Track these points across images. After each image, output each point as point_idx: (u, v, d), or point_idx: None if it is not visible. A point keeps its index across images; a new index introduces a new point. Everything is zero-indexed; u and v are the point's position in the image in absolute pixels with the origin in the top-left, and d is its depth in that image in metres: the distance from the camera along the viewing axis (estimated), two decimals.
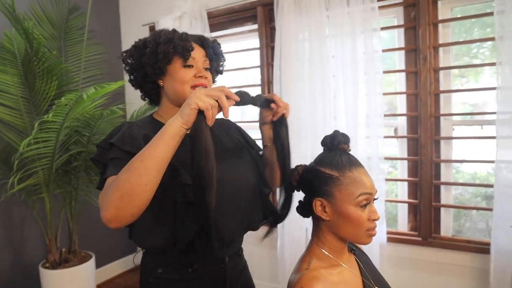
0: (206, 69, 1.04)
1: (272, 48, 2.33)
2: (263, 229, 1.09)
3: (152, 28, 2.84)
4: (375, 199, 0.92)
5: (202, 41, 1.05)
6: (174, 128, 0.78)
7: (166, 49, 0.96)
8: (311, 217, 0.96)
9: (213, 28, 2.58)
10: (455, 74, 2.09)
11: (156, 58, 0.98)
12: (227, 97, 0.80)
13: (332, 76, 2.11)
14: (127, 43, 3.06)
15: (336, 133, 0.94)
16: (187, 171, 0.89)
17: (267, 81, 2.45)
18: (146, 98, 1.11)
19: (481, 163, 2.12)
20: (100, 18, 2.91)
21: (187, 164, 0.89)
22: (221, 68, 1.15)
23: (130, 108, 2.88)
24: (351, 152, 0.96)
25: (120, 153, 0.89)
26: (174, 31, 1.01)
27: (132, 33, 3.03)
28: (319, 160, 0.93)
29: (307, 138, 2.17)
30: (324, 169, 0.90)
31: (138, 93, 1.12)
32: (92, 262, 2.35)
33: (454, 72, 2.04)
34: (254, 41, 2.54)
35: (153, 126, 0.99)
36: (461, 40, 2.06)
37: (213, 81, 1.15)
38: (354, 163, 0.90)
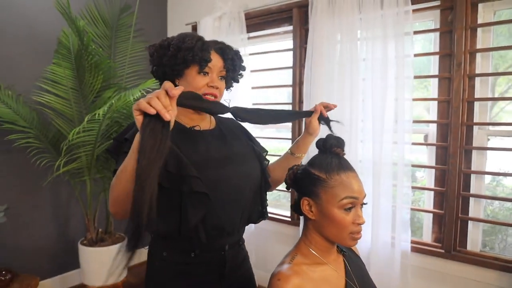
0: (221, 77, 1.10)
1: (306, 50, 2.35)
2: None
3: (194, 28, 2.98)
4: (364, 204, 0.93)
5: (223, 51, 1.10)
6: (136, 143, 0.81)
7: (185, 56, 1.04)
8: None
9: (250, 28, 2.65)
10: (492, 84, 1.96)
11: (175, 61, 1.06)
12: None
13: (362, 79, 2.09)
14: None
15: (329, 136, 0.97)
16: (192, 163, 0.97)
17: (298, 82, 2.48)
18: None
19: None
20: (149, 17, 3.11)
21: (192, 157, 0.98)
22: (237, 78, 1.20)
23: None
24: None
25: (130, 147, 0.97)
26: (197, 39, 1.07)
27: (177, 32, 3.16)
28: (311, 161, 0.97)
29: None
30: (314, 170, 0.93)
31: None
32: (124, 243, 2.54)
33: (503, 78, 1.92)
34: (289, 42, 2.57)
35: None
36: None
37: (228, 87, 1.21)
38: (344, 167, 0.92)
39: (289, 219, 2.56)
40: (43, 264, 2.60)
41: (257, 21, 2.65)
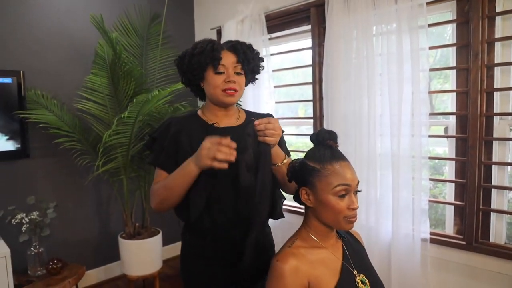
0: (237, 73, 1.21)
1: (324, 47, 2.41)
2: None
3: (218, 32, 3.13)
4: (358, 191, 1.01)
5: (234, 47, 1.22)
6: (196, 173, 1.09)
7: (198, 60, 1.18)
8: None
9: (270, 29, 2.75)
10: None
11: (192, 67, 1.20)
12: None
13: (379, 74, 2.12)
14: None
15: (321, 130, 1.05)
16: None
17: (318, 80, 2.54)
18: (197, 96, 1.35)
19: None
20: (176, 24, 3.30)
21: None
22: (256, 69, 1.29)
23: (200, 103, 3.24)
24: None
25: (158, 146, 1.22)
26: (208, 42, 1.20)
27: (203, 36, 3.33)
28: (307, 154, 1.06)
29: (350, 136, 2.22)
30: (309, 162, 1.02)
31: None
32: (159, 237, 2.74)
33: None
34: (309, 41, 2.64)
35: (192, 120, 1.24)
36: None
37: (253, 81, 1.33)
38: (336, 157, 1.00)
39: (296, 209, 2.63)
40: (88, 255, 2.86)
41: (277, 22, 2.74)
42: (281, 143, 1.30)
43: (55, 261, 2.33)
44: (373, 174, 2.13)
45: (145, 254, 2.68)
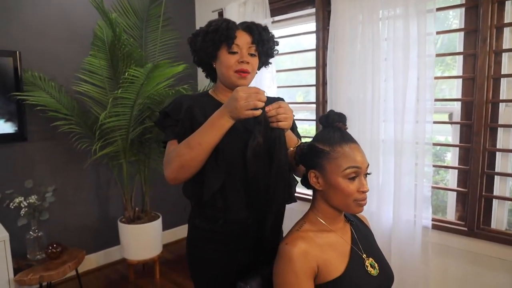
0: (251, 54, 1.18)
1: (328, 32, 2.36)
2: None
3: (220, 14, 3.06)
4: (368, 173, 0.99)
5: (250, 28, 1.18)
6: (229, 125, 1.03)
7: (213, 38, 1.15)
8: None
9: (273, 12, 2.70)
10: None
11: (206, 45, 1.17)
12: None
13: (384, 59, 2.09)
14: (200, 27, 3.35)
15: (330, 112, 1.03)
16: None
17: (322, 64, 2.50)
18: (208, 77, 1.32)
19: None
20: (177, 6, 3.23)
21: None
22: (270, 52, 1.26)
23: (201, 85, 3.20)
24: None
25: (171, 121, 1.15)
26: (223, 21, 1.17)
27: (204, 19, 3.29)
28: (315, 136, 1.04)
29: (355, 121, 2.19)
30: (318, 144, 1.00)
31: None
32: (159, 221, 2.73)
33: None
34: (312, 25, 2.59)
35: (204, 100, 1.21)
36: None
37: (266, 64, 1.30)
38: (346, 139, 0.98)
39: (305, 196, 2.63)
40: (88, 239, 2.85)
41: (281, 5, 2.68)
42: (293, 127, 1.28)
43: (55, 245, 2.32)
44: (376, 160, 2.12)
45: (145, 239, 2.68)
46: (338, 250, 0.98)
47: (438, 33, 1.94)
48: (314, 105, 2.59)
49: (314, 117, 2.64)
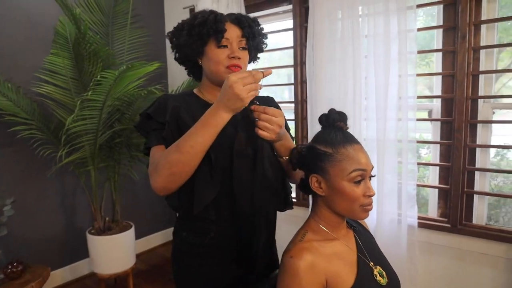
0: (242, 48, 1.08)
1: (306, 29, 2.31)
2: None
3: (191, 11, 2.94)
4: (372, 176, 0.93)
5: (239, 20, 1.08)
6: (224, 121, 0.91)
7: (200, 31, 1.03)
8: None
9: (248, 9, 2.61)
10: (501, 58, 1.94)
11: (191, 40, 1.05)
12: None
13: (364, 56, 2.06)
14: (170, 26, 3.20)
15: (331, 111, 0.95)
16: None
17: (300, 62, 2.45)
18: (190, 75, 1.20)
19: None
20: (145, 2, 3.06)
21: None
22: (260, 47, 1.16)
23: (172, 86, 3.05)
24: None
25: (155, 124, 1.02)
26: (210, 12, 1.06)
27: (174, 16, 3.15)
28: (315, 138, 0.96)
29: None
30: (319, 146, 0.92)
31: (179, 73, 1.23)
32: (132, 231, 2.56)
33: (506, 53, 1.90)
34: (289, 22, 2.53)
35: (190, 99, 1.09)
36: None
37: (254, 59, 1.20)
38: (349, 140, 0.91)
39: (295, 200, 2.57)
40: (53, 254, 2.63)
41: (256, 1, 2.60)
42: (286, 127, 1.19)
43: (15, 264, 2.09)
44: None
45: (117, 250, 2.50)
46: (345, 260, 0.91)
47: (419, 29, 1.93)
48: (293, 104, 2.53)
49: (293, 117, 2.57)
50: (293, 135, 2.50)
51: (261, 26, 1.13)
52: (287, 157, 1.03)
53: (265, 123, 0.94)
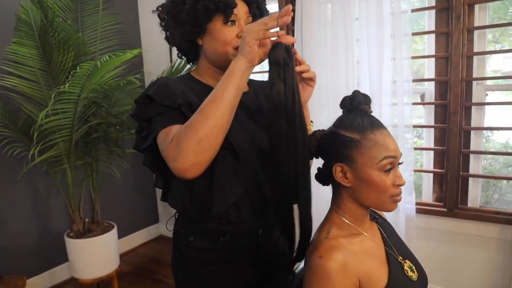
0: None
1: (294, 12, 2.21)
2: None
3: None
4: (400, 163, 0.85)
5: None
6: (240, 66, 0.78)
7: (206, 5, 0.88)
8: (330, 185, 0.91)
9: None
10: (489, 40, 1.92)
11: (196, 15, 0.90)
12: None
13: (356, 40, 1.99)
14: (144, 12, 3.00)
15: (356, 93, 0.86)
16: (230, 136, 0.84)
17: None
18: (183, 57, 1.05)
19: None
20: None
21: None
22: None
23: (148, 78, 2.86)
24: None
25: (161, 108, 0.85)
26: None
27: (149, 2, 2.96)
28: (338, 123, 0.86)
29: (329, 107, 2.08)
30: (344, 132, 0.83)
31: (156, 62, 1.07)
32: (114, 231, 2.40)
33: (488, 37, 1.88)
34: (275, 5, 2.42)
35: (192, 83, 0.95)
36: None
37: None
38: (377, 124, 0.83)
39: None
40: (29, 262, 2.43)
41: None
42: None
43: None
44: None
45: (99, 253, 2.33)
46: (375, 257, 0.83)
47: (413, 11, 1.87)
48: None
49: None
50: None
51: (265, 3, 1.02)
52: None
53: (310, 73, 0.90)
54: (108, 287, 2.52)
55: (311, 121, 1.04)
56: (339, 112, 0.90)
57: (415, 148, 1.98)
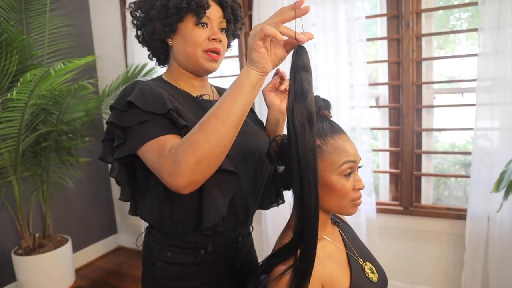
0: (222, 30, 0.92)
1: (250, 17, 2.22)
2: None
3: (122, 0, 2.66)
4: (359, 167, 0.87)
5: None
6: (250, 78, 0.69)
7: (178, 4, 0.85)
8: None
9: None
10: (434, 46, 2.04)
11: (167, 13, 0.86)
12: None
13: (313, 45, 2.03)
14: (96, 14, 2.86)
15: (316, 98, 0.87)
16: None
17: (245, 52, 2.35)
18: (154, 58, 1.00)
19: (460, 132, 2.14)
20: None
21: None
22: (238, 32, 1.01)
23: (103, 83, 2.73)
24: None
25: (143, 114, 0.77)
26: None
27: (101, 4, 2.83)
28: None
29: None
30: None
31: (110, 66, 1.01)
32: (68, 245, 2.27)
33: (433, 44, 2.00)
34: None
35: (168, 88, 0.88)
36: (442, 5, 2.01)
37: (229, 46, 1.02)
38: (337, 129, 0.84)
39: None
40: None
41: None
42: None
43: None
44: None
45: (52, 270, 2.19)
46: (337, 261, 0.84)
47: (367, 17, 1.94)
48: None
49: None
50: None
51: (241, 10, 1.00)
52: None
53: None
54: None
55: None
56: None
57: (372, 150, 2.05)
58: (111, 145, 0.85)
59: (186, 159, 0.69)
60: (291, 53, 0.77)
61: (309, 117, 0.70)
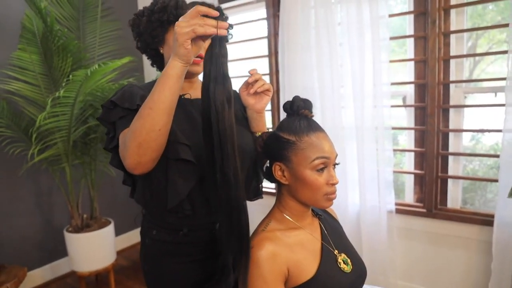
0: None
1: (279, 18, 2.29)
2: None
3: None
4: (336, 164, 0.92)
5: None
6: (176, 70, 0.79)
7: (160, 18, 0.99)
8: None
9: None
10: (469, 44, 1.95)
11: (151, 26, 1.00)
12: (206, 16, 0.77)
13: (339, 44, 2.05)
14: None
15: (295, 98, 0.94)
16: (181, 131, 0.93)
17: (274, 52, 2.42)
18: (154, 65, 1.15)
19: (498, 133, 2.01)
20: None
21: (182, 125, 0.94)
22: (227, 37, 1.09)
23: (149, 80, 2.98)
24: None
25: (122, 111, 0.93)
26: None
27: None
28: (279, 125, 0.94)
29: (316, 108, 2.14)
30: (283, 134, 0.91)
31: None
32: (111, 227, 2.53)
33: (484, 39, 1.91)
34: (263, 11, 2.50)
35: None
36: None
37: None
38: (313, 128, 0.90)
39: (274, 190, 2.57)
40: (30, 254, 2.58)
41: None
42: None
43: None
44: (338, 147, 2.08)
45: (96, 247, 2.46)
46: (308, 249, 0.91)
47: (390, 16, 1.92)
48: None
49: (269, 107, 2.56)
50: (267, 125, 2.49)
51: (225, 15, 1.09)
52: (258, 133, 1.03)
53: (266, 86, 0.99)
54: (105, 280, 2.65)
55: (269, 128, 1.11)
56: (327, 113, 0.97)
57: (395, 150, 2.03)
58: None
59: (129, 144, 0.82)
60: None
61: (228, 97, 0.81)
